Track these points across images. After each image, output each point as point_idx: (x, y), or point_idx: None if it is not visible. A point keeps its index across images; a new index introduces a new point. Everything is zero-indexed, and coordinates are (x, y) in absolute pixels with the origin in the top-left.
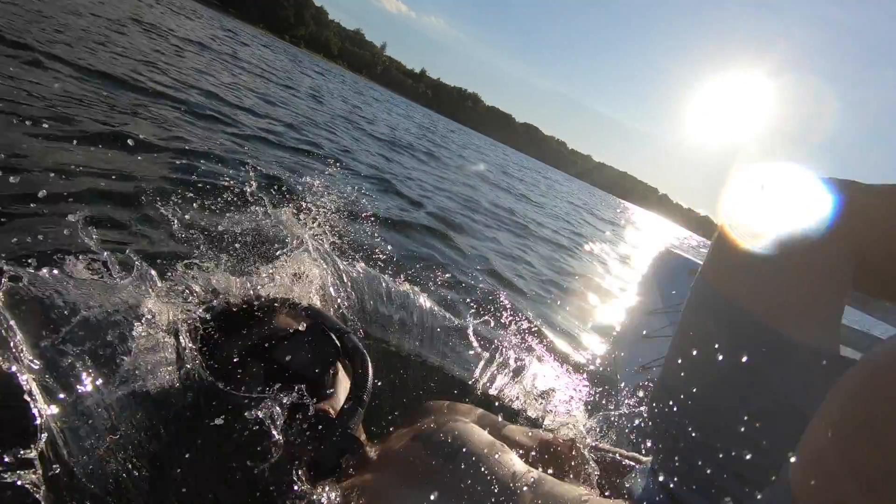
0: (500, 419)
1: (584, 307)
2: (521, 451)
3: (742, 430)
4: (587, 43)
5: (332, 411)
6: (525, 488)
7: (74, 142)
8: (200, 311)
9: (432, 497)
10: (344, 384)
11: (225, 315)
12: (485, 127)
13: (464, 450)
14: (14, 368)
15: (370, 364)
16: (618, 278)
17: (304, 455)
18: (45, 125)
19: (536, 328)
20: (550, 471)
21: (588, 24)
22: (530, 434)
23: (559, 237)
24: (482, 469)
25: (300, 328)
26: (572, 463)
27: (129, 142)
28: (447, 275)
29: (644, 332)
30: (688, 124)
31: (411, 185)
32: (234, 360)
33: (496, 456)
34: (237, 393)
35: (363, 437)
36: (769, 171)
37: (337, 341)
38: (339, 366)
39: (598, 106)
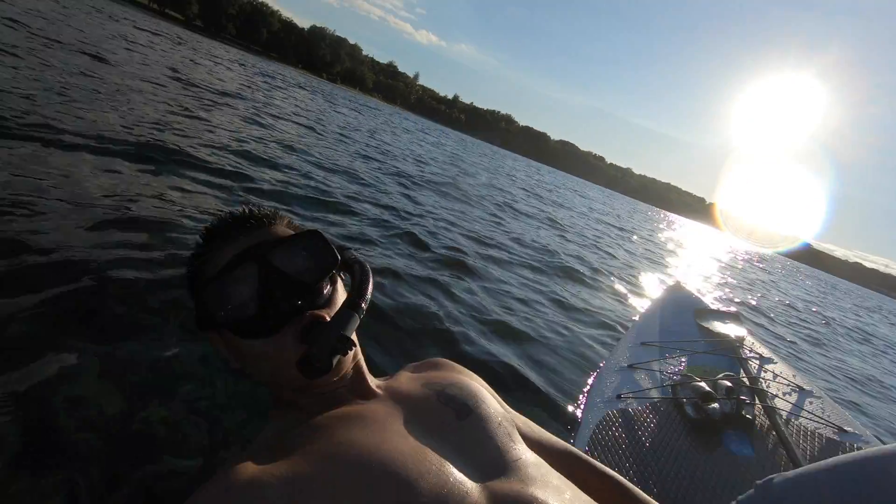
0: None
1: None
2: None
3: None
4: (619, 56)
5: (326, 318)
6: (531, 469)
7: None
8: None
9: (441, 447)
10: (342, 297)
11: (222, 223)
12: (520, 147)
13: (478, 411)
14: None
15: (371, 276)
16: (629, 309)
17: (295, 355)
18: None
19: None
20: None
21: (619, 38)
22: (532, 427)
23: (576, 265)
24: (492, 437)
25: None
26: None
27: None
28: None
29: (630, 363)
30: (733, 130)
31: (427, 222)
32: (228, 260)
33: (506, 429)
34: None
35: (364, 363)
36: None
37: (336, 254)
38: (339, 282)
39: (635, 119)
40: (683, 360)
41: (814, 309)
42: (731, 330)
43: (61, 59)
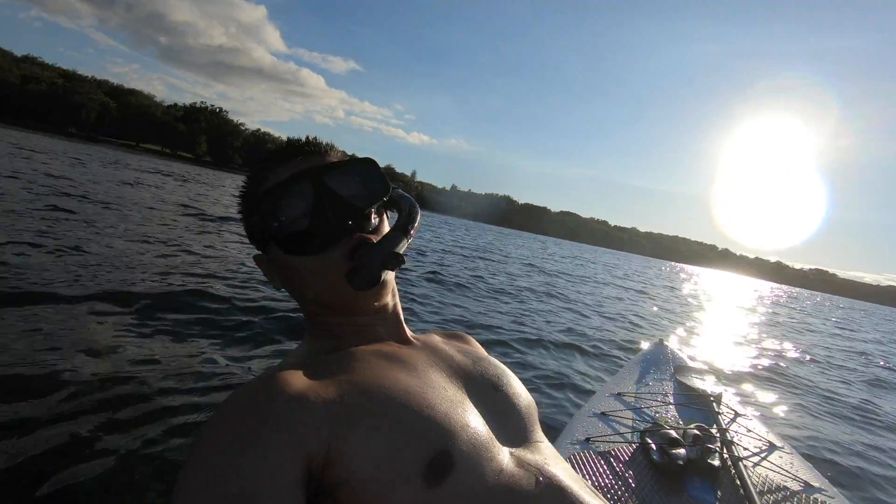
0: None
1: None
2: None
3: None
4: (603, 126)
5: (373, 241)
6: (550, 451)
7: None
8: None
9: (478, 407)
10: (388, 229)
11: (280, 147)
12: (522, 224)
13: (509, 389)
14: None
15: (419, 210)
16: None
17: (343, 271)
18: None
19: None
20: None
21: (601, 110)
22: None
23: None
24: (521, 414)
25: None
26: None
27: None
28: None
29: (602, 411)
30: (732, 175)
31: (425, 312)
32: (286, 177)
33: (532, 412)
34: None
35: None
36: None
37: (388, 183)
38: (385, 218)
39: (630, 180)
40: (657, 411)
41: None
42: (709, 386)
43: (85, 212)
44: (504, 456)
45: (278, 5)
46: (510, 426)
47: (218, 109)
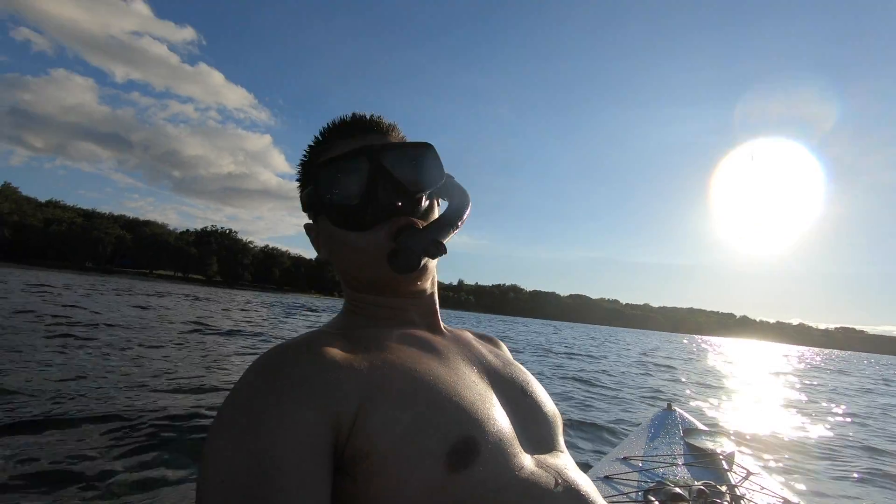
0: None
1: None
2: None
3: None
4: (602, 207)
5: (420, 226)
6: (570, 461)
7: None
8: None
9: (505, 406)
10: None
11: (343, 121)
12: (533, 311)
13: (537, 397)
14: None
15: (470, 202)
16: None
17: (386, 250)
18: None
19: None
20: None
21: (595, 192)
22: None
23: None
24: (546, 421)
25: (414, 142)
26: None
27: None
28: None
29: (607, 475)
30: (741, 239)
31: None
32: (344, 151)
33: (557, 422)
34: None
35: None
36: None
37: (443, 171)
38: (437, 205)
39: (636, 257)
40: (664, 471)
41: None
42: (720, 446)
43: (95, 336)
44: (525, 456)
45: (282, 132)
46: (534, 431)
47: (228, 231)
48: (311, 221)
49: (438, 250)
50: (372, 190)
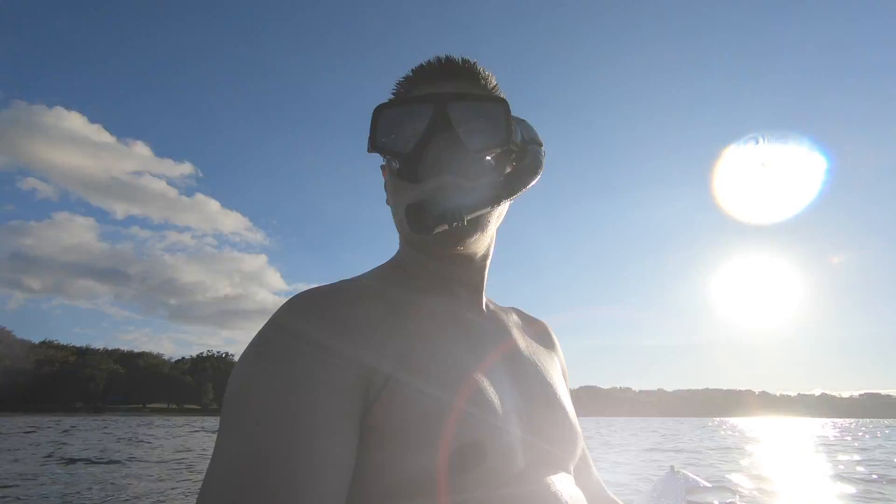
0: None
1: None
2: None
3: None
4: (604, 294)
5: (462, 186)
6: (572, 481)
7: None
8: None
9: (521, 416)
10: (492, 177)
11: (438, 61)
12: None
13: (563, 402)
14: None
15: (538, 173)
16: None
17: (403, 201)
18: None
19: None
20: None
21: (597, 278)
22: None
23: None
24: (562, 437)
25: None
26: None
27: None
28: None
29: None
30: (748, 311)
31: None
32: (413, 96)
33: (575, 430)
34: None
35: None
36: None
37: (512, 132)
38: (511, 164)
39: (644, 341)
40: None
41: None
42: (721, 499)
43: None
44: (528, 472)
45: (277, 251)
46: (545, 448)
47: (224, 354)
48: (384, 163)
49: (456, 220)
50: (427, 140)
